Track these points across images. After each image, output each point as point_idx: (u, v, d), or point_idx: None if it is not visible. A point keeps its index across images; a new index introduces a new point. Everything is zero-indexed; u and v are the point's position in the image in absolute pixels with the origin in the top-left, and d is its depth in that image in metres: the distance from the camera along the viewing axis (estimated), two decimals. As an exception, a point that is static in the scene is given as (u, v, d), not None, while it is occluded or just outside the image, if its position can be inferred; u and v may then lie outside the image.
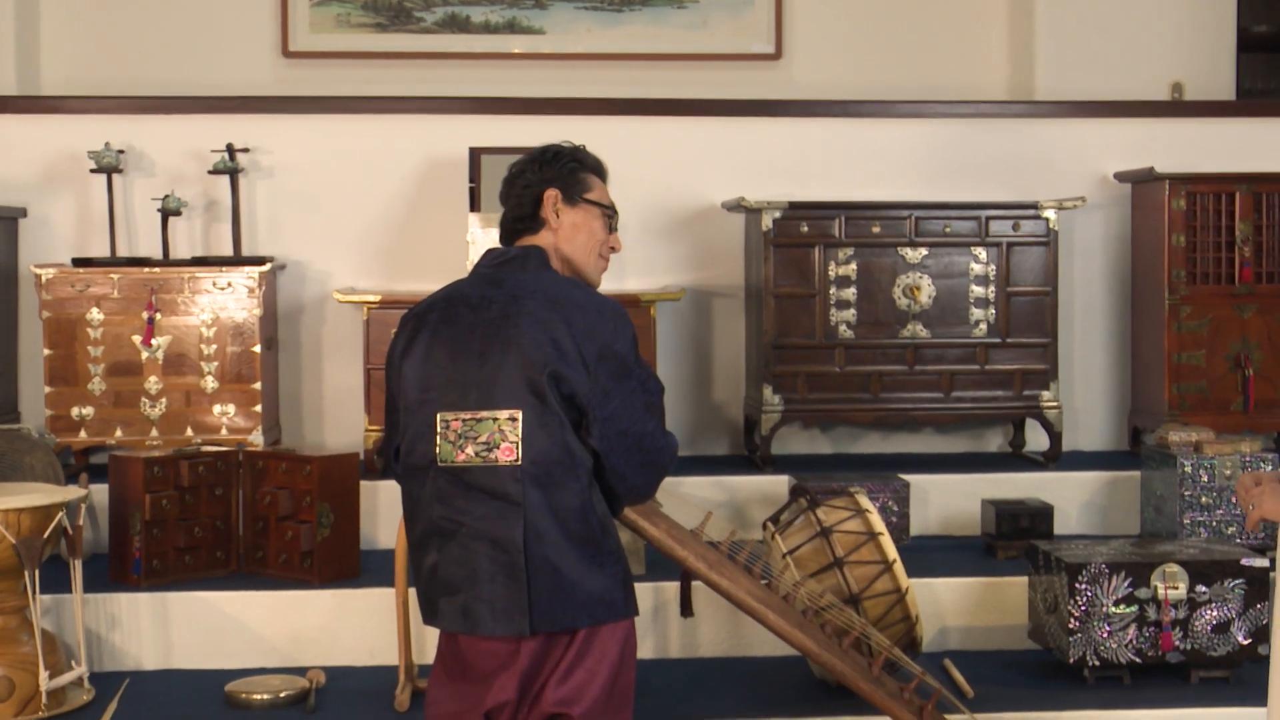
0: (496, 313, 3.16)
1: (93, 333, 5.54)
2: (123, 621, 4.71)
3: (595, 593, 3.11)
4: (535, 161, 3.36)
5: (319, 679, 4.49)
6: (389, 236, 6.10)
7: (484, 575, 3.10)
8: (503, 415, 3.09)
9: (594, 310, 3.15)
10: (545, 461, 3.08)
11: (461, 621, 3.13)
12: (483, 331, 3.15)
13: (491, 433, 3.10)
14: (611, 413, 3.13)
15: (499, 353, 3.11)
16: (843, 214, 5.71)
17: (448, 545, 3.13)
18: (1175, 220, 5.76)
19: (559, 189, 3.30)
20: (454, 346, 3.17)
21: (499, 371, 3.11)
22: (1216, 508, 5.09)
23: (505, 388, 3.10)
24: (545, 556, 3.07)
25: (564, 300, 3.15)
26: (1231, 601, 4.37)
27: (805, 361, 5.70)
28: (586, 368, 3.09)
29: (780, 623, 3.81)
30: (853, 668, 3.87)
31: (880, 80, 6.95)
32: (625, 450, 3.17)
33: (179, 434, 5.54)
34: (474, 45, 6.92)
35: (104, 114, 6.01)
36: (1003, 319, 5.73)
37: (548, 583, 3.08)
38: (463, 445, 3.11)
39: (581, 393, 3.09)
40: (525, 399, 3.08)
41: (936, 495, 5.55)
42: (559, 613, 3.08)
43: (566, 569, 3.09)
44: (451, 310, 3.23)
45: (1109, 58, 6.77)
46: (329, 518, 4.91)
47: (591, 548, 3.12)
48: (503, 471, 3.09)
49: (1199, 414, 5.71)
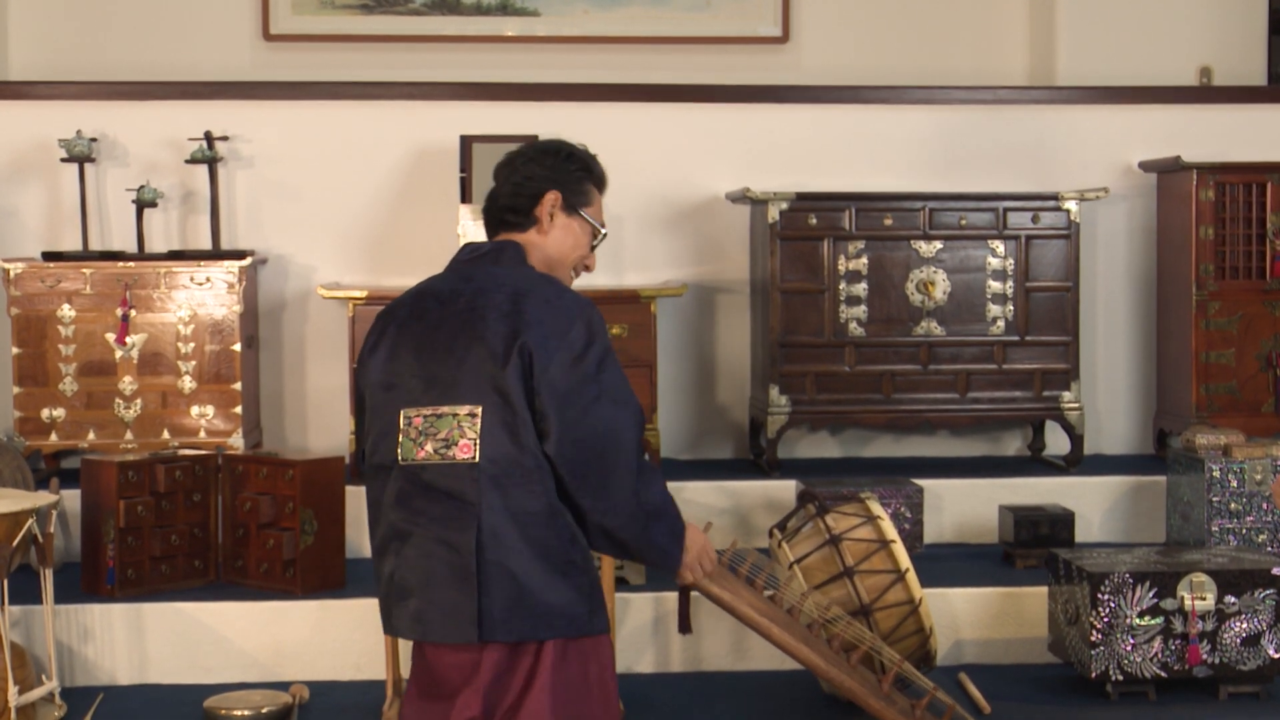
0: (464, 306, 3.16)
1: (64, 330, 5.55)
2: (96, 634, 4.72)
3: (556, 604, 3.08)
4: (545, 154, 3.33)
5: (302, 694, 4.50)
6: (376, 229, 6.11)
7: (436, 579, 3.08)
8: (463, 411, 3.09)
9: (563, 309, 3.13)
10: (504, 461, 3.07)
11: (413, 627, 3.12)
12: (449, 326, 3.15)
13: (451, 429, 3.09)
14: (572, 418, 3.08)
15: (463, 347, 3.12)
16: (853, 205, 5.72)
17: (404, 548, 3.13)
18: (1203, 212, 5.77)
19: (561, 193, 3.29)
20: (420, 341, 3.17)
21: (461, 366, 3.11)
22: (1246, 514, 5.10)
23: (467, 383, 3.10)
24: (500, 562, 3.06)
25: (532, 295, 3.14)
26: (1262, 613, 4.38)
27: (814, 361, 5.71)
28: (551, 367, 3.07)
29: (785, 638, 3.82)
30: (862, 684, 3.88)
31: (892, 65, 6.95)
32: (581, 464, 3.09)
33: (155, 437, 5.54)
34: (465, 28, 6.93)
35: (75, 100, 6.02)
36: (1021, 316, 5.74)
37: (502, 590, 3.06)
38: (422, 442, 3.11)
39: (540, 391, 3.08)
40: (487, 395, 3.08)
41: (952, 501, 5.55)
42: (514, 622, 3.06)
43: (524, 576, 3.07)
44: (420, 305, 3.23)
45: (1134, 41, 6.78)
46: (312, 525, 4.92)
47: (555, 556, 3.09)
48: (460, 470, 3.08)
49: (1228, 415, 5.71)
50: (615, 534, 3.16)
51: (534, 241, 3.29)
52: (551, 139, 3.40)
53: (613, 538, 3.17)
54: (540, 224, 3.28)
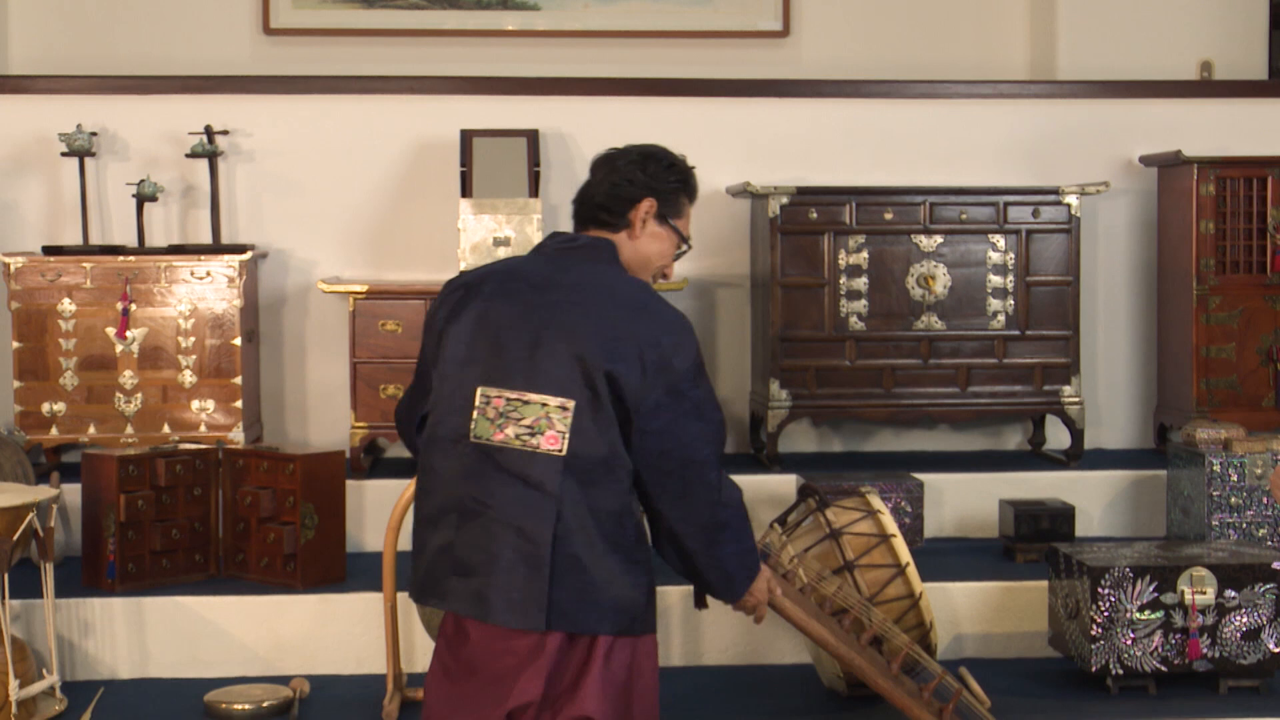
0: (560, 298, 3.19)
1: (64, 325, 5.55)
2: (96, 628, 4.73)
3: (621, 601, 3.14)
4: (647, 160, 3.40)
5: (303, 688, 4.51)
6: (376, 223, 6.11)
7: (504, 563, 3.11)
8: (553, 403, 3.12)
9: (661, 319, 3.19)
10: (591, 458, 3.11)
11: (472, 606, 3.14)
12: (543, 314, 3.18)
13: (538, 417, 3.12)
14: (657, 428, 3.14)
15: (558, 339, 3.15)
16: (854, 200, 5.72)
17: (468, 525, 3.14)
18: (1204, 206, 5.77)
19: (657, 201, 3.37)
20: (508, 322, 3.19)
21: (555, 358, 3.14)
22: (1247, 508, 5.10)
23: (560, 376, 3.13)
24: (574, 554, 3.10)
25: (633, 302, 3.20)
26: (1262, 607, 4.39)
27: (814, 355, 5.71)
28: (644, 374, 3.12)
29: (797, 613, 3.85)
30: (871, 663, 3.92)
31: (893, 59, 6.96)
32: (661, 474, 3.17)
33: (155, 431, 5.55)
34: (465, 22, 6.93)
35: (75, 94, 6.02)
36: (1022, 310, 5.75)
37: (572, 582, 3.10)
38: (502, 425, 3.13)
39: (632, 398, 3.12)
40: (580, 391, 3.12)
41: (952, 495, 5.56)
42: (579, 615, 3.10)
43: (595, 571, 3.11)
44: (510, 285, 3.25)
45: (1134, 35, 6.78)
46: (313, 519, 4.92)
47: (623, 554, 3.15)
48: (542, 460, 3.11)
49: (1228, 410, 5.72)
50: (685, 543, 3.25)
51: (623, 243, 3.36)
52: (653, 145, 3.48)
53: (682, 547, 3.26)
54: (632, 228, 3.36)
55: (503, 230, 5.70)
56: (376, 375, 5.55)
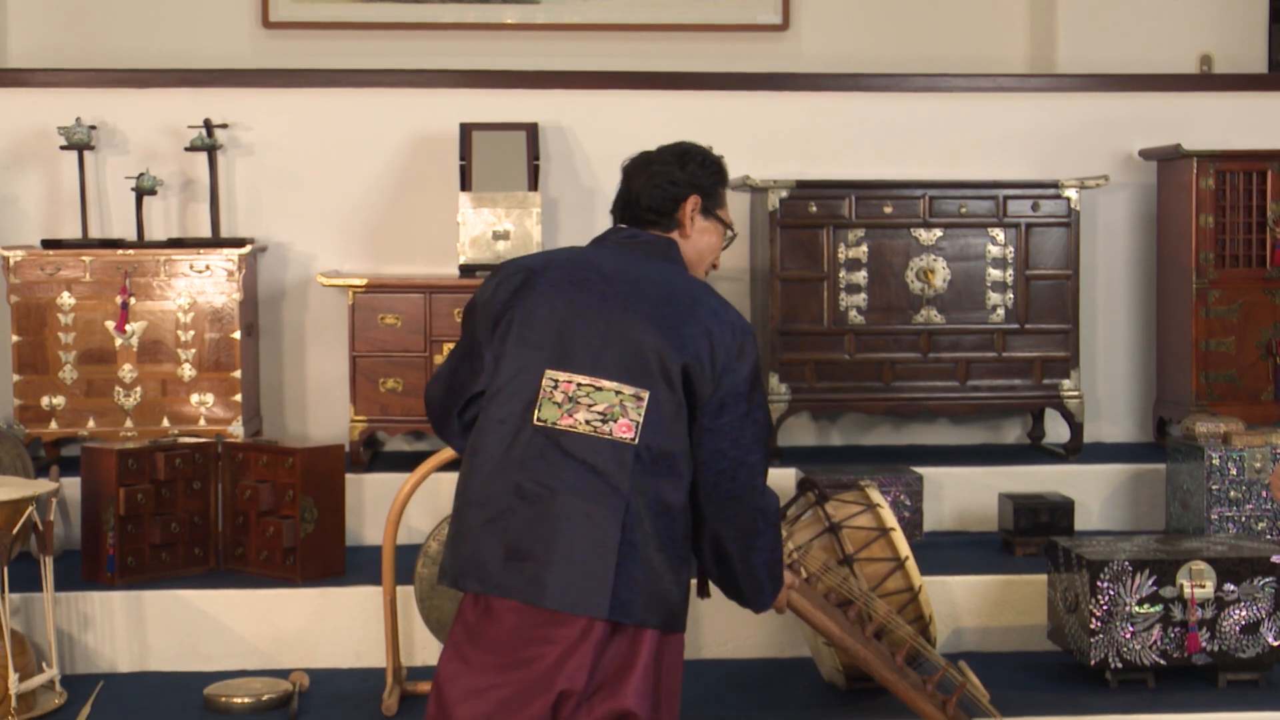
0: (632, 290, 3.22)
1: (63, 318, 5.55)
2: (96, 621, 4.73)
3: (669, 596, 3.15)
4: (683, 159, 3.47)
5: (302, 682, 4.51)
6: (376, 217, 6.11)
7: (568, 549, 3.08)
8: (627, 391, 3.13)
9: (730, 324, 3.24)
10: (661, 450, 3.12)
11: (526, 589, 3.08)
12: (616, 303, 3.20)
13: (611, 405, 3.12)
14: (718, 427, 3.18)
15: (634, 330, 3.17)
16: (853, 193, 5.72)
17: (528, 509, 3.11)
18: (1203, 200, 5.77)
19: (701, 197, 3.42)
20: (580, 309, 3.20)
21: (631, 348, 3.16)
22: (1246, 502, 5.10)
23: (635, 366, 3.15)
24: (635, 545, 3.10)
25: (703, 303, 3.24)
26: (1261, 601, 4.39)
27: (813, 349, 5.71)
28: (713, 373, 3.17)
29: (802, 603, 3.87)
30: (876, 655, 3.92)
31: (893, 52, 6.95)
32: (715, 473, 3.20)
33: (155, 425, 5.55)
34: (465, 15, 6.92)
35: (74, 88, 6.01)
36: (1021, 304, 5.74)
37: (633, 572, 3.09)
38: (572, 410, 3.13)
39: (700, 395, 3.16)
40: (655, 382, 3.14)
41: (951, 489, 5.56)
42: (635, 605, 3.09)
43: (653, 563, 3.12)
44: (580, 273, 3.27)
45: (1134, 28, 6.77)
46: (312, 513, 4.92)
47: (676, 549, 3.17)
48: (615, 447, 3.11)
49: (1228, 404, 5.72)
50: (725, 545, 3.26)
51: (678, 242, 3.40)
52: (683, 143, 3.55)
53: (722, 549, 3.27)
54: (683, 227, 3.41)
55: (502, 224, 5.70)
56: (376, 369, 5.55)
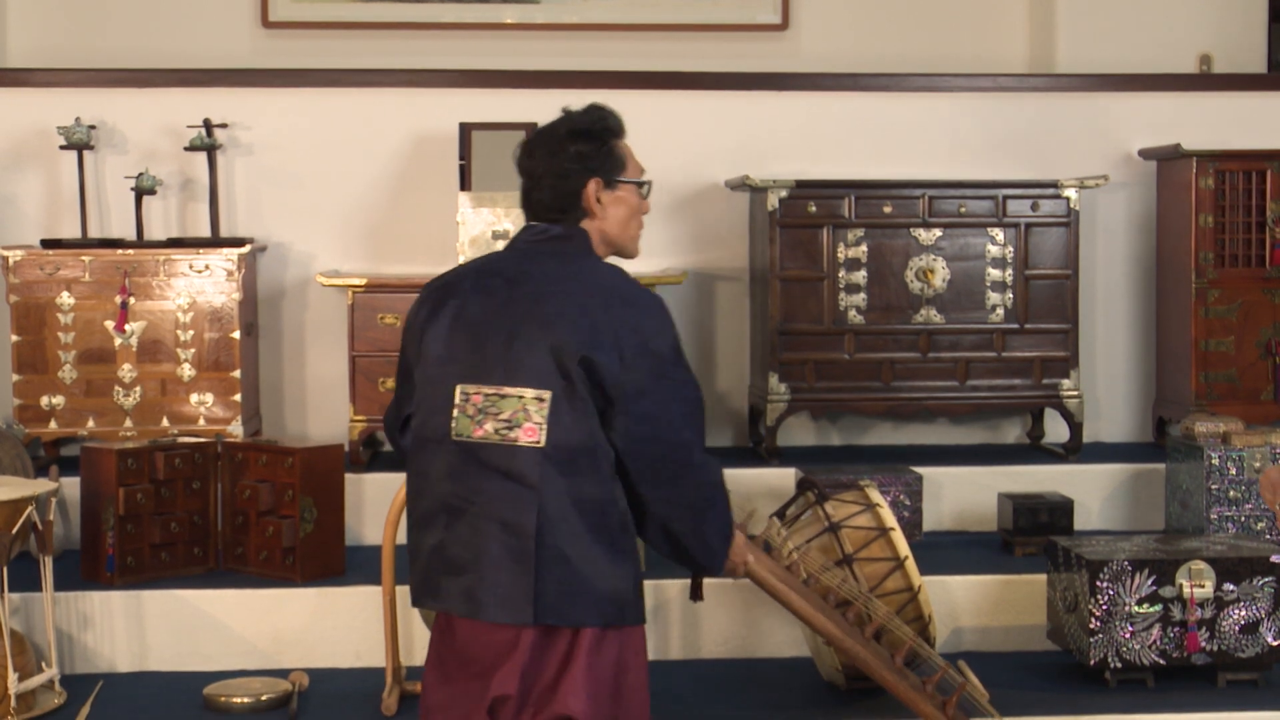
0: (533, 290, 3.18)
1: (63, 318, 5.54)
2: (95, 621, 4.73)
3: (607, 592, 3.12)
4: (569, 140, 3.31)
5: (302, 682, 4.51)
6: (375, 216, 6.11)
7: (491, 559, 3.11)
8: (529, 394, 3.11)
9: (637, 303, 3.18)
10: (569, 447, 3.10)
11: (464, 604, 3.14)
12: (517, 308, 3.17)
13: (515, 411, 3.11)
14: (642, 412, 3.13)
15: (533, 331, 3.14)
16: (852, 193, 5.72)
17: (456, 524, 3.14)
18: (1203, 200, 5.77)
19: (600, 176, 3.31)
20: (484, 319, 3.19)
21: (530, 350, 3.13)
22: (1245, 502, 5.10)
23: (535, 368, 3.12)
24: (558, 546, 3.09)
25: (606, 289, 3.18)
26: (1261, 600, 4.39)
27: (813, 348, 5.71)
28: (622, 360, 3.11)
29: (802, 604, 3.86)
30: (875, 656, 3.92)
31: (892, 52, 6.95)
32: (651, 458, 3.16)
33: (154, 424, 5.54)
34: (464, 15, 6.92)
35: (74, 87, 6.01)
36: (1021, 304, 5.74)
37: (558, 573, 3.09)
38: (482, 421, 3.13)
39: (612, 383, 3.11)
40: (555, 381, 3.11)
41: (951, 489, 5.56)
42: (566, 607, 3.09)
43: (580, 561, 3.10)
44: (484, 281, 3.25)
45: (1134, 28, 6.77)
46: (312, 512, 4.92)
47: (609, 543, 3.13)
48: (522, 453, 3.10)
49: (1227, 404, 5.72)
50: (673, 525, 3.23)
51: (592, 228, 3.31)
52: (560, 119, 3.37)
53: (668, 530, 3.24)
54: (591, 213, 3.31)
55: (502, 223, 5.70)
56: (375, 368, 5.55)
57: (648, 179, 3.42)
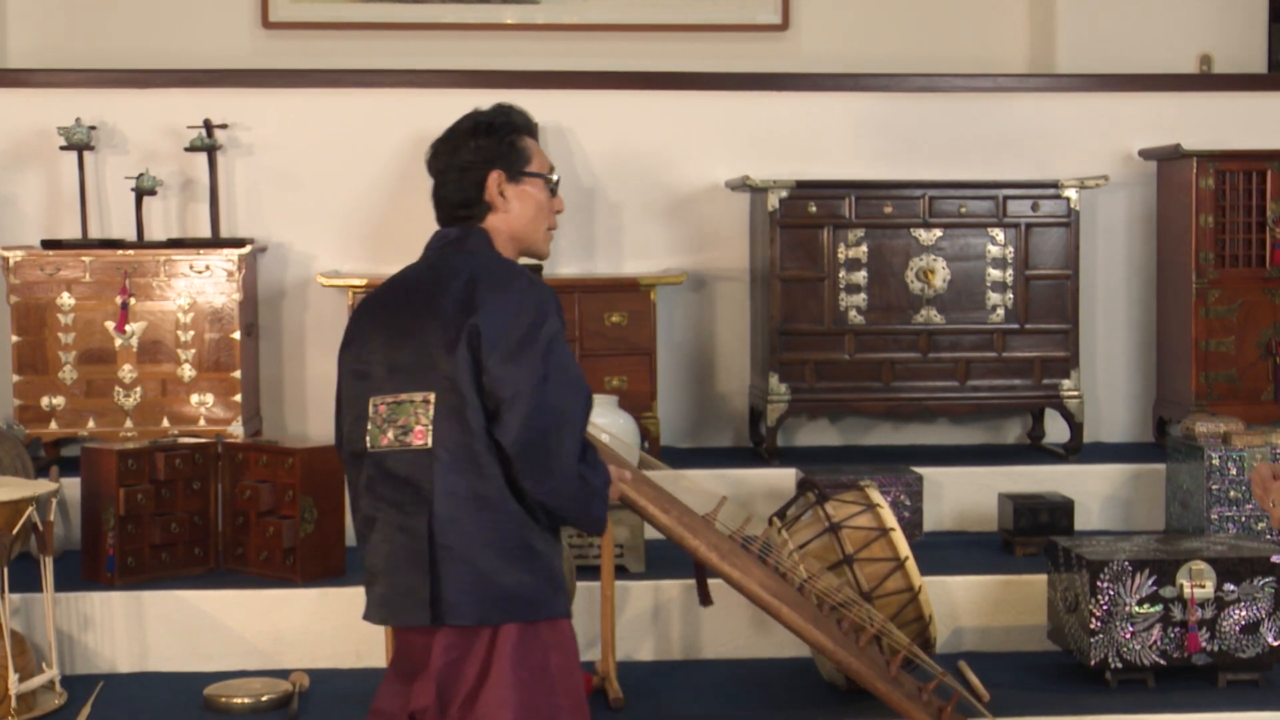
0: (426, 294, 3.20)
1: (63, 319, 5.54)
2: (96, 622, 4.73)
3: (510, 588, 3.10)
4: (469, 136, 3.31)
5: (302, 682, 4.51)
6: (375, 217, 6.11)
7: (395, 564, 3.14)
8: (418, 398, 3.14)
9: (512, 290, 3.14)
10: (455, 446, 3.10)
11: (378, 611, 3.19)
12: (412, 313, 3.19)
13: (408, 416, 3.14)
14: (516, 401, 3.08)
15: (420, 334, 3.16)
16: (853, 193, 5.72)
17: (371, 534, 3.19)
18: (1203, 200, 5.77)
19: (502, 169, 3.28)
20: (389, 330, 3.22)
21: (419, 353, 3.15)
22: (1245, 502, 5.10)
23: (422, 369, 3.14)
24: (452, 546, 3.09)
25: (484, 280, 3.15)
26: (1261, 600, 4.39)
27: (813, 349, 5.71)
28: (498, 351, 3.09)
29: (794, 617, 3.84)
30: (869, 666, 3.90)
31: (892, 52, 6.95)
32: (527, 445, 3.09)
33: (154, 425, 5.54)
34: (464, 15, 6.92)
35: (74, 88, 6.01)
36: (1021, 304, 5.74)
37: (455, 573, 3.09)
38: (385, 429, 3.17)
39: (489, 377, 3.09)
40: (438, 381, 3.12)
41: (951, 489, 5.56)
42: (466, 606, 3.09)
43: (478, 560, 3.09)
44: (391, 294, 3.29)
45: (1134, 28, 6.77)
46: (312, 513, 4.92)
47: (509, 540, 3.11)
48: (416, 456, 3.12)
49: (1227, 404, 5.72)
50: (557, 512, 3.17)
51: (497, 224, 3.29)
52: (465, 118, 3.37)
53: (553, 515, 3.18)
54: (495, 207, 3.29)
55: (502, 224, 5.69)
56: (376, 369, 5.54)
57: (558, 175, 3.38)
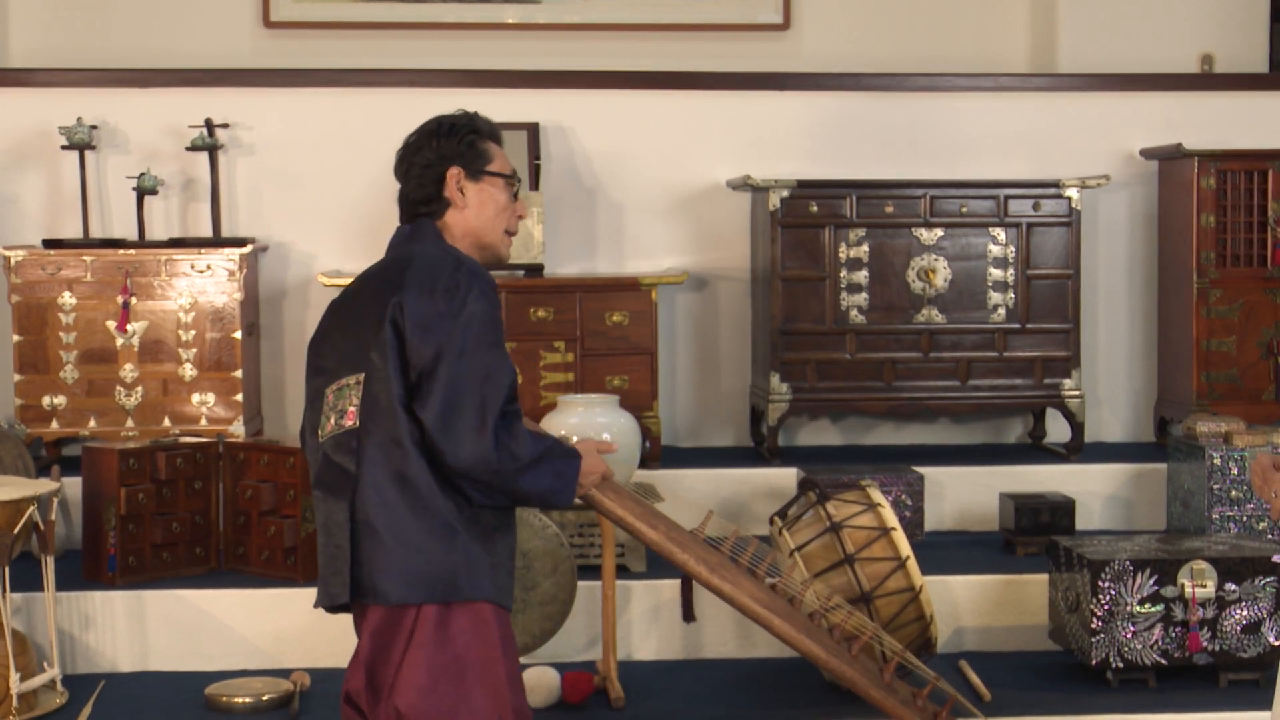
0: (374, 287, 3.25)
1: (64, 318, 5.54)
2: (97, 621, 4.73)
3: (432, 569, 3.11)
4: (431, 136, 3.40)
5: (303, 681, 4.51)
6: (376, 216, 6.10)
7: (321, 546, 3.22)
8: (351, 380, 3.19)
9: (443, 272, 3.17)
10: (379, 425, 3.13)
11: (320, 594, 3.26)
12: (360, 305, 3.26)
13: (342, 399, 3.20)
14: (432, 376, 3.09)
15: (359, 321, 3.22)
16: (854, 193, 5.71)
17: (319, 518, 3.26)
18: (1204, 199, 5.77)
19: (461, 166, 3.34)
20: (343, 324, 3.28)
21: (352, 338, 3.22)
22: (1247, 502, 5.10)
23: (352, 352, 3.20)
24: (372, 523, 3.12)
25: (417, 264, 3.20)
26: (1262, 600, 4.39)
27: (814, 348, 5.71)
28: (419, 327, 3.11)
29: (786, 628, 3.82)
30: (863, 674, 3.88)
31: (893, 51, 6.94)
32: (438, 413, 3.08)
33: (156, 424, 5.54)
34: (465, 15, 6.92)
35: (76, 87, 6.01)
36: (1022, 303, 5.74)
37: (370, 551, 3.13)
38: (330, 416, 3.23)
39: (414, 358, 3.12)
40: (366, 363, 3.16)
41: (952, 489, 5.56)
42: (384, 585, 3.11)
43: (397, 540, 3.11)
44: (350, 290, 3.35)
45: (1135, 28, 6.77)
46: (313, 513, 4.91)
47: (432, 520, 3.12)
48: (347, 436, 3.17)
49: (1229, 403, 5.72)
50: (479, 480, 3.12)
51: (454, 221, 3.34)
52: (429, 121, 3.46)
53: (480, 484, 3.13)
54: (454, 203, 3.34)
55: (503, 223, 5.69)
56: (377, 368, 5.54)
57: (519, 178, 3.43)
